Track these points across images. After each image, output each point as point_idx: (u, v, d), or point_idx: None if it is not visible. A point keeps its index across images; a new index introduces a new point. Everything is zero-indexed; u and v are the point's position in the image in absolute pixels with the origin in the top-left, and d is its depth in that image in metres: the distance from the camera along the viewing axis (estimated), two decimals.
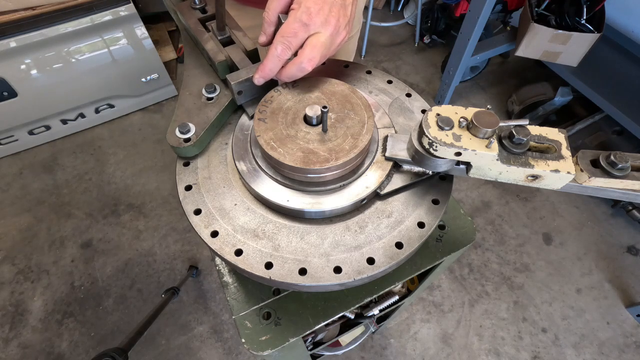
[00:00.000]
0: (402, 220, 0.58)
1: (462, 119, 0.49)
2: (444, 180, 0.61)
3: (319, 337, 1.13)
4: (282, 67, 0.58)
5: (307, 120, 0.58)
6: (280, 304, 0.66)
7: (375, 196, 0.60)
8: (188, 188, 0.61)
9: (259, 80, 0.60)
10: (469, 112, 0.50)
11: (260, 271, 0.53)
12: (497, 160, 0.49)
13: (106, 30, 2.32)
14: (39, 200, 2.35)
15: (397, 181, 0.60)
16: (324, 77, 0.63)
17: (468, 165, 0.54)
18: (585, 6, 2.00)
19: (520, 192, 2.37)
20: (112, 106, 2.68)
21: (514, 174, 0.51)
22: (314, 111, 0.56)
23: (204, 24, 0.72)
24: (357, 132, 0.56)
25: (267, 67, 0.58)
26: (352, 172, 0.58)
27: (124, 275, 2.07)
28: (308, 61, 0.56)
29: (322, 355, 1.49)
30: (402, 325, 1.93)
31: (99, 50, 2.36)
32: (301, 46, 0.57)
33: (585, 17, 2.02)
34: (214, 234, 0.57)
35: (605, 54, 2.21)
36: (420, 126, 0.51)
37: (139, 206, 2.32)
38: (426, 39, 3.12)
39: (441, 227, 0.73)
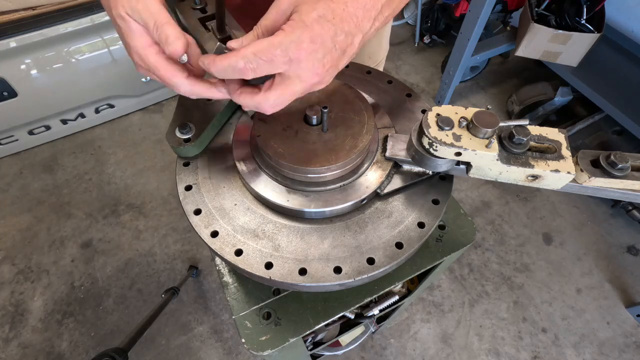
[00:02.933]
0: (402, 220, 0.58)
1: (462, 119, 0.49)
2: (444, 180, 0.61)
3: (319, 337, 1.13)
4: (239, 87, 0.49)
5: (307, 120, 0.58)
6: (280, 304, 0.66)
7: (375, 196, 0.60)
8: (188, 188, 0.61)
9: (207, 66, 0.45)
10: (469, 112, 0.50)
11: (260, 271, 0.53)
12: (497, 160, 0.49)
13: (106, 30, 2.32)
14: (39, 200, 2.35)
15: (397, 181, 0.60)
16: None
17: (468, 165, 0.54)
18: (585, 6, 2.00)
19: (520, 192, 2.37)
20: (112, 106, 2.68)
21: (514, 174, 0.51)
22: (314, 111, 0.56)
23: (204, 24, 0.72)
24: (357, 132, 0.56)
25: (221, 67, 0.44)
26: (352, 172, 0.58)
27: (124, 275, 2.07)
28: (270, 107, 0.47)
29: (322, 355, 1.49)
30: (402, 325, 1.93)
31: (99, 50, 2.36)
32: (267, 78, 0.46)
33: (585, 17, 2.02)
34: (214, 234, 0.57)
35: (605, 54, 2.21)
36: (420, 126, 0.51)
37: (139, 206, 2.32)
38: (426, 39, 3.12)
39: (441, 227, 0.73)
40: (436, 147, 0.50)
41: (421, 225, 0.57)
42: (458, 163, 0.54)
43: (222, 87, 0.51)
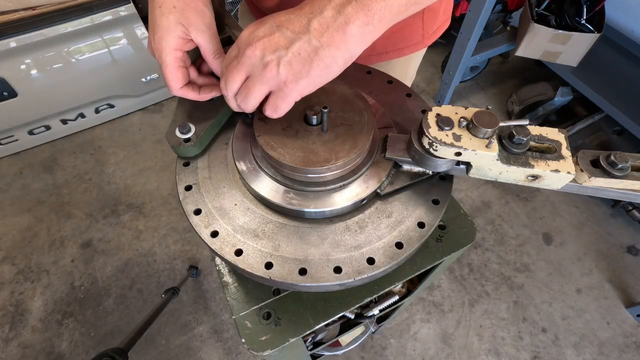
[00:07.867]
0: (402, 220, 0.58)
1: (462, 119, 0.49)
2: (444, 180, 0.61)
3: (319, 337, 1.12)
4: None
5: (307, 120, 0.57)
6: (280, 304, 0.66)
7: (375, 196, 0.60)
8: (188, 188, 0.61)
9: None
10: (469, 112, 0.50)
11: (260, 271, 0.53)
12: (497, 160, 0.49)
13: (106, 30, 2.32)
14: (39, 200, 2.35)
15: (397, 181, 0.60)
16: None
17: (468, 165, 0.54)
18: (585, 6, 2.00)
19: (520, 192, 2.37)
20: (112, 106, 2.68)
21: (514, 174, 0.51)
22: (314, 111, 0.56)
23: None
24: (357, 132, 0.56)
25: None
26: (352, 172, 0.58)
27: (124, 275, 2.07)
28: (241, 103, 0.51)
29: (322, 355, 1.49)
30: (402, 325, 1.93)
31: (99, 50, 2.36)
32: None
33: (585, 17, 2.02)
34: (214, 234, 0.56)
35: (605, 54, 2.21)
36: (420, 126, 0.51)
37: (139, 206, 2.32)
38: None
39: (441, 227, 0.73)
40: (436, 147, 0.50)
41: (421, 225, 0.57)
42: (458, 163, 0.54)
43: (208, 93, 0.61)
